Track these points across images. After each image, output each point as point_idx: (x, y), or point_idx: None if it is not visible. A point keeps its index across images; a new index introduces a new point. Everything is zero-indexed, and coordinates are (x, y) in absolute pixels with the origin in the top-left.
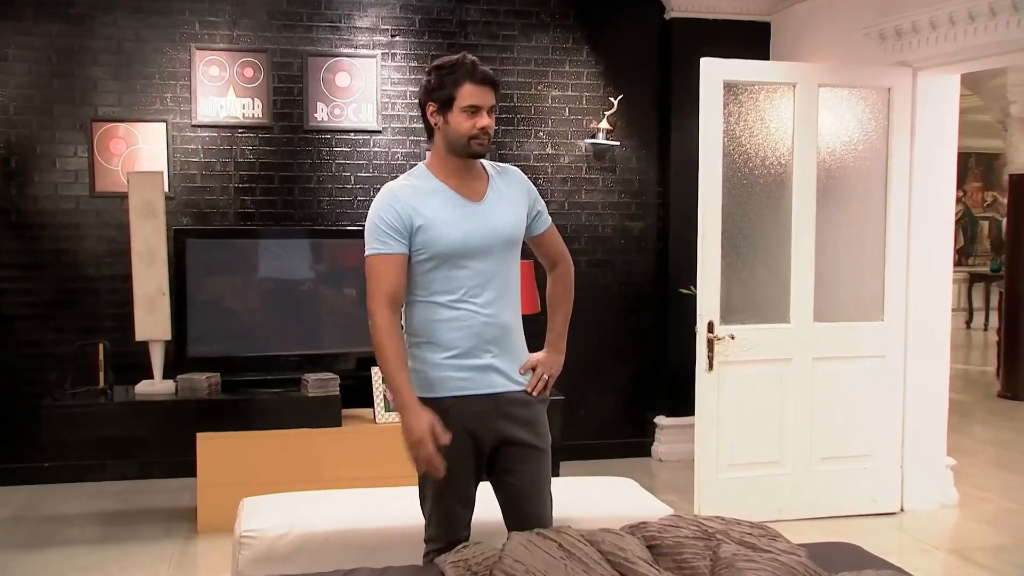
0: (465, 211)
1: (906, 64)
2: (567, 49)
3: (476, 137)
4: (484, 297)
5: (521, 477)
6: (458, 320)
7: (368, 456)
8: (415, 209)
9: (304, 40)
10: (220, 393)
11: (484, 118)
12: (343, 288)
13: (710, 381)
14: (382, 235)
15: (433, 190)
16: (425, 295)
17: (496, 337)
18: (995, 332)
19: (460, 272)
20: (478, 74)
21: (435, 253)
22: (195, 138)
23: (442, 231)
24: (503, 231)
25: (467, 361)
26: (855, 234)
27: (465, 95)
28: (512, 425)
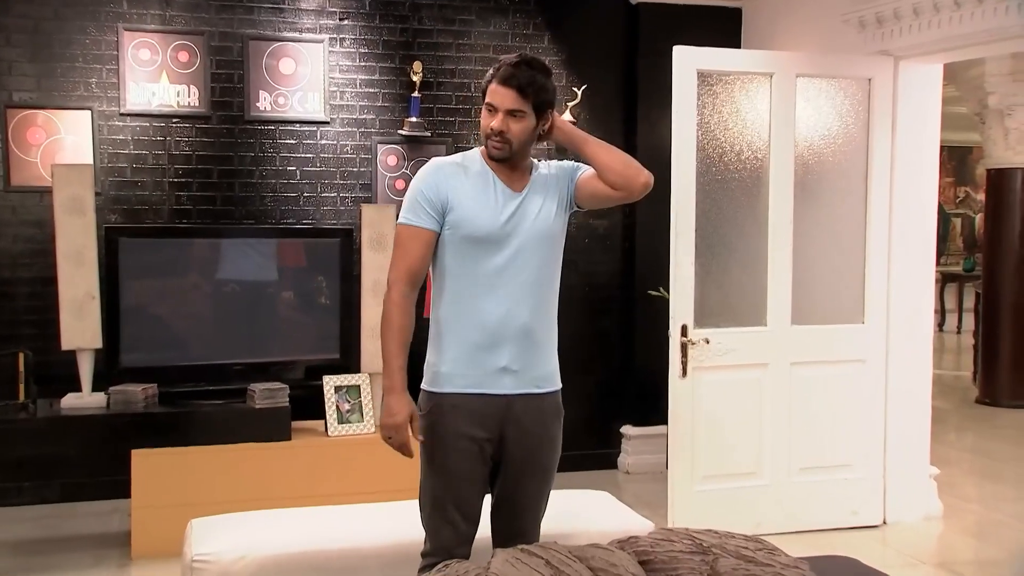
0: (502, 199)
1: (887, 53)
2: (527, 36)
3: (489, 138)
4: (510, 292)
5: (520, 493)
6: (478, 313)
7: (321, 472)
8: (452, 186)
9: (245, 22)
10: (157, 406)
11: (497, 119)
12: (290, 291)
13: (684, 388)
14: (416, 206)
15: (478, 173)
16: (449, 282)
17: (516, 337)
18: (970, 335)
19: (488, 261)
20: (503, 74)
21: (464, 235)
22: (124, 128)
23: (474, 213)
24: (537, 224)
25: (481, 356)
26: (834, 232)
27: (490, 94)
28: (519, 435)
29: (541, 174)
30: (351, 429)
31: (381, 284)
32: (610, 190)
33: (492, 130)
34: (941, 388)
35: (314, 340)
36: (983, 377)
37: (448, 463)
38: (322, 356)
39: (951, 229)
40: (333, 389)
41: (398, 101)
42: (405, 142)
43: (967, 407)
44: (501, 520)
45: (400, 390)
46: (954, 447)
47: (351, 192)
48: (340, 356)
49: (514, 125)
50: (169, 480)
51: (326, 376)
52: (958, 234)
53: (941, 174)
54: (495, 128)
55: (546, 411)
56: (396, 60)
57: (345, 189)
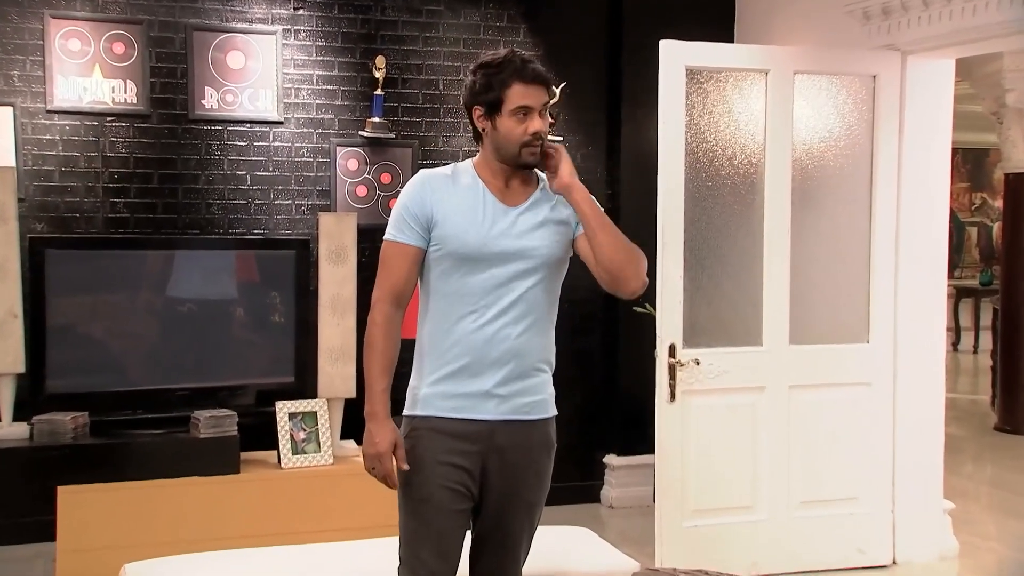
0: (494, 213)
1: (894, 48)
2: (501, 28)
3: (528, 145)
4: (497, 313)
5: (501, 531)
6: (462, 333)
7: (273, 508)
8: (440, 199)
9: (188, 11)
10: (88, 437)
11: (536, 121)
12: (240, 308)
13: (672, 413)
14: (400, 222)
15: (468, 186)
16: (435, 300)
17: (503, 360)
18: (987, 355)
19: (476, 279)
20: (528, 72)
21: (451, 252)
22: (52, 127)
23: (460, 229)
24: (532, 242)
25: (464, 381)
26: (836, 243)
27: (515, 96)
28: (503, 466)
29: (545, 186)
30: (307, 460)
31: (340, 300)
32: (596, 272)
33: (533, 135)
34: (956, 414)
35: (266, 362)
36: (1002, 402)
37: (426, 493)
38: (275, 380)
39: (966, 239)
40: (287, 416)
41: (359, 99)
42: (367, 144)
43: (985, 435)
44: (480, 559)
45: (383, 416)
46: (971, 479)
47: (307, 199)
48: (295, 379)
49: (544, 125)
50: (100, 520)
51: (279, 402)
52: (974, 244)
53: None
54: (537, 131)
55: (534, 441)
56: (357, 54)
57: (301, 196)
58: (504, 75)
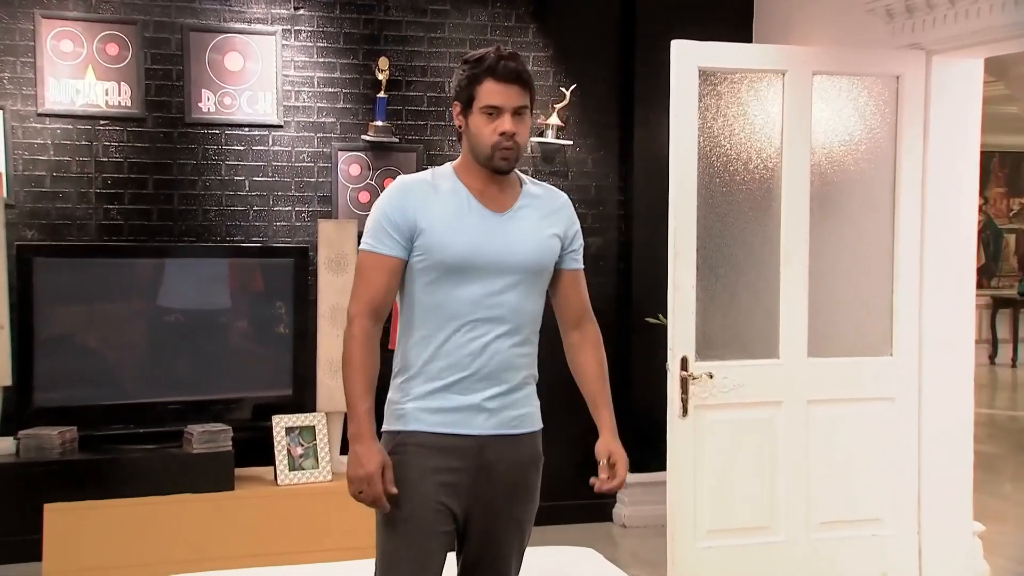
0: (481, 221)
1: (919, 47)
2: (509, 28)
3: (498, 146)
4: (487, 325)
5: (490, 552)
6: (451, 347)
7: (269, 526)
8: (422, 207)
9: (184, 10)
10: (77, 452)
11: (506, 121)
12: (236, 319)
13: (684, 429)
14: (380, 231)
15: (451, 191)
16: (419, 312)
17: (493, 373)
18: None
19: (463, 290)
20: (501, 70)
21: (436, 262)
22: (43, 131)
23: (447, 238)
24: (522, 251)
25: (453, 396)
26: (857, 251)
27: (485, 94)
28: (491, 483)
29: (531, 192)
30: (304, 477)
31: (340, 310)
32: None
33: (503, 136)
34: (993, 430)
35: (263, 375)
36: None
37: (409, 511)
38: (272, 393)
39: (1004, 247)
40: (284, 431)
41: (361, 102)
42: (370, 149)
43: (1022, 453)
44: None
45: (369, 438)
46: (1008, 500)
47: (308, 206)
48: (293, 393)
49: (521, 126)
50: (89, 539)
51: (276, 416)
52: (1012, 252)
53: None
54: (509, 131)
55: (523, 456)
56: (359, 56)
57: (301, 202)
58: (479, 71)
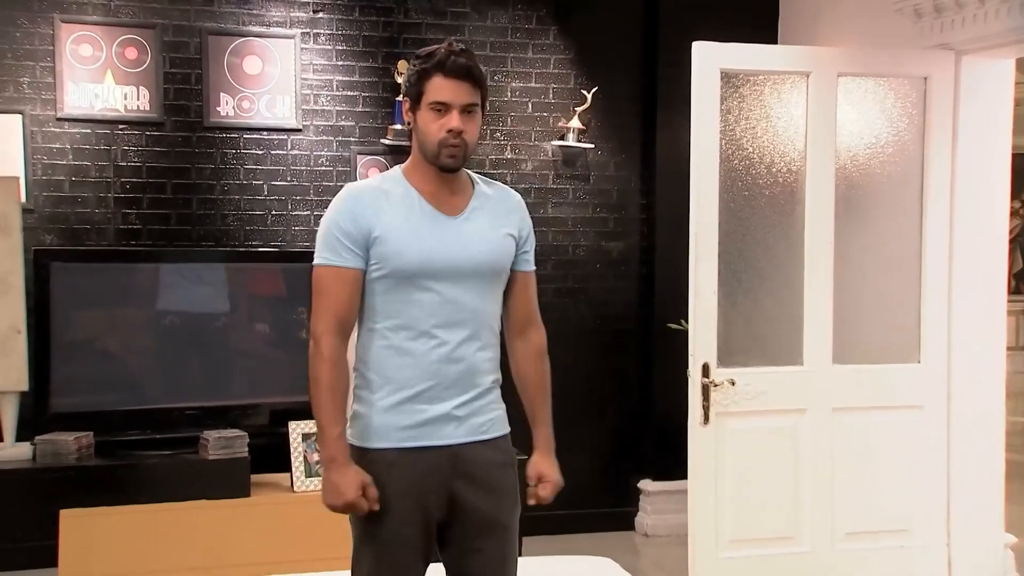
0: (435, 225)
1: (947, 47)
2: (530, 31)
3: (445, 143)
4: (450, 331)
5: (481, 559)
6: (416, 356)
7: (285, 533)
8: (375, 216)
9: (203, 14)
10: (93, 458)
11: (453, 118)
12: (254, 324)
13: (705, 437)
14: (335, 244)
15: (402, 196)
16: (380, 322)
17: (461, 380)
18: None
19: (423, 297)
20: (450, 65)
21: (393, 270)
22: (62, 135)
23: (403, 244)
24: (479, 254)
25: (421, 406)
26: (884, 256)
27: (433, 90)
28: (471, 490)
29: (484, 193)
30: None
31: None
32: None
33: (449, 132)
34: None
35: (281, 380)
36: None
37: (385, 532)
38: (289, 398)
39: None
40: (300, 437)
41: (381, 106)
42: (389, 152)
43: None
44: None
45: (343, 461)
46: None
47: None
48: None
49: (470, 124)
50: (104, 545)
51: (292, 422)
52: None
53: None
54: (456, 128)
55: (496, 460)
56: (379, 59)
57: (320, 207)
58: (427, 66)
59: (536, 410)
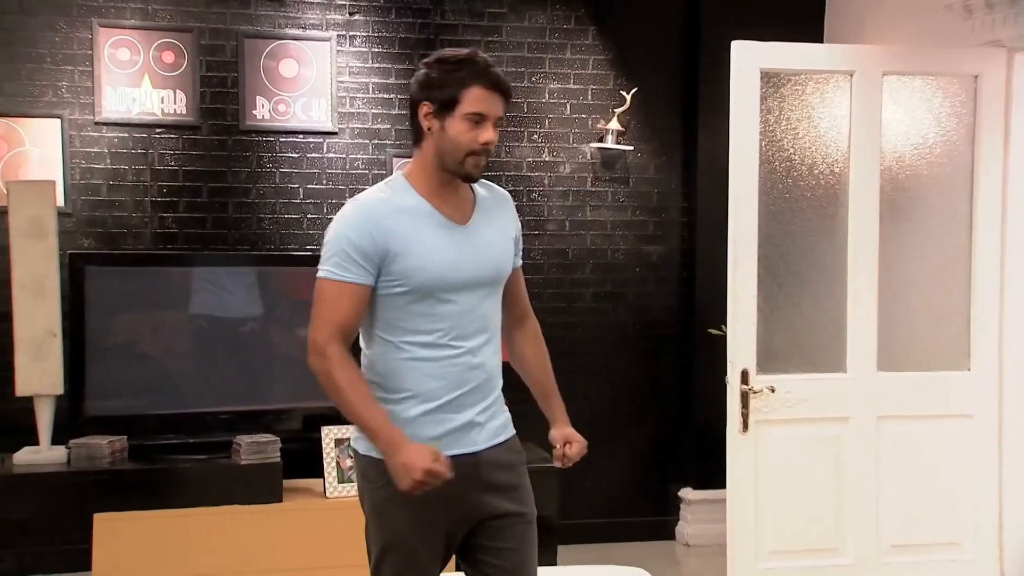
0: (451, 237)
1: (999, 44)
2: (568, 31)
3: (475, 154)
4: (469, 339)
5: (508, 557)
6: (439, 366)
7: (317, 539)
8: (391, 231)
9: (239, 17)
10: (127, 462)
11: (489, 131)
12: (288, 328)
13: (745, 445)
14: (347, 260)
15: (413, 208)
16: (398, 335)
17: (481, 386)
18: None
19: (443, 308)
20: (491, 77)
21: (416, 285)
22: (100, 139)
23: (425, 260)
24: (492, 262)
25: (447, 415)
26: (932, 259)
27: (471, 99)
28: (495, 496)
29: (484, 197)
30: (353, 489)
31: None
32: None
33: (484, 145)
34: None
35: (314, 385)
36: None
37: (412, 541)
38: (322, 403)
39: None
40: (333, 442)
41: None
42: None
43: None
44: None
45: (402, 439)
46: None
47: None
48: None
49: (496, 138)
50: (137, 549)
51: (325, 427)
52: None
53: None
54: (488, 143)
55: (513, 460)
56: (415, 61)
57: None
58: (464, 74)
59: (545, 384)
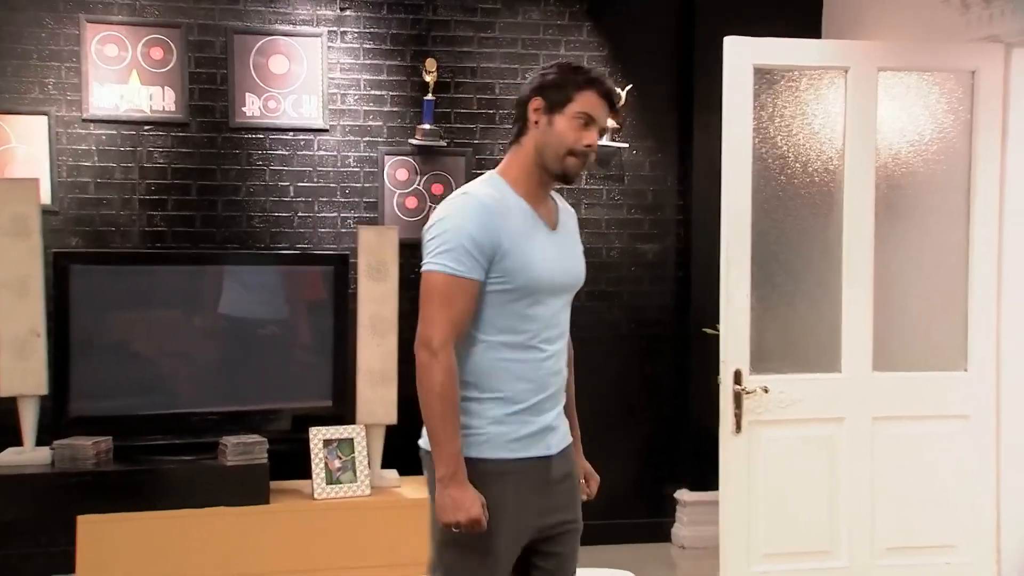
0: (548, 239)
1: (997, 39)
2: (562, 27)
3: (575, 154)
4: (552, 344)
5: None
6: (527, 367)
7: (304, 541)
8: (503, 228)
9: (229, 13)
10: (112, 463)
11: (593, 135)
12: (275, 327)
13: (738, 446)
14: (464, 255)
15: (517, 208)
16: (491, 335)
17: (557, 392)
18: None
19: (536, 310)
20: (606, 86)
21: (519, 286)
22: (87, 136)
23: (527, 260)
24: (576, 270)
25: (530, 418)
26: (928, 258)
27: (583, 101)
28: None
29: (561, 207)
30: (342, 491)
31: (380, 319)
32: None
33: (587, 147)
34: None
35: (302, 385)
36: None
37: (495, 542)
38: (311, 404)
39: None
40: (322, 443)
41: (409, 105)
42: (417, 153)
43: None
44: None
45: (463, 479)
46: None
47: (354, 211)
48: (333, 404)
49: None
50: (122, 552)
51: (313, 428)
52: None
53: None
54: (591, 145)
55: (572, 465)
56: (407, 57)
57: (347, 208)
58: (581, 78)
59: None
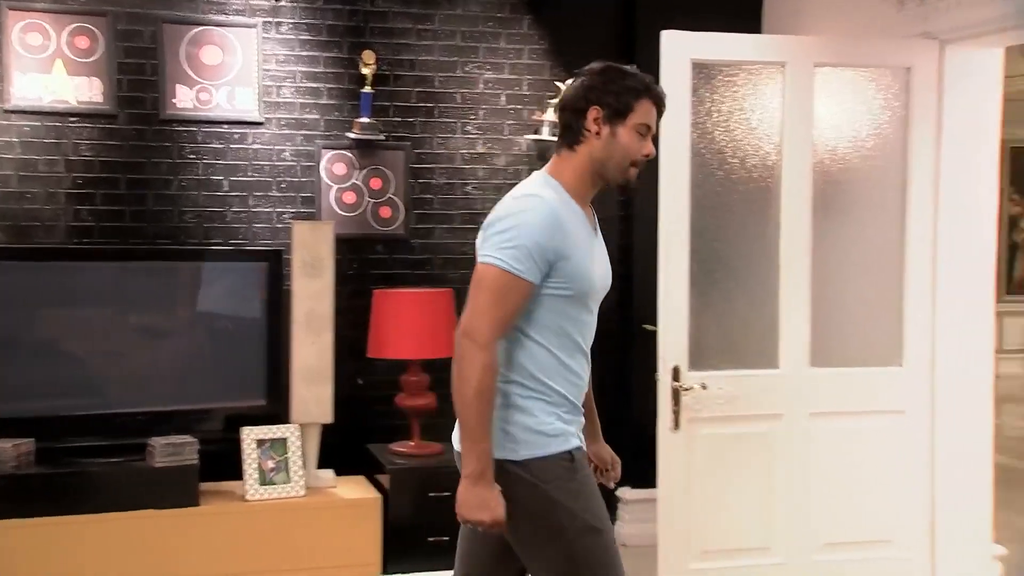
0: (593, 245)
1: (931, 36)
2: (502, 20)
3: (636, 165)
4: (588, 347)
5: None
6: (575, 371)
7: (236, 544)
8: (567, 234)
9: (158, 1)
10: (33, 466)
11: (651, 144)
12: (210, 325)
13: (676, 443)
14: (527, 256)
15: (574, 214)
16: (546, 337)
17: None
18: None
19: (585, 315)
20: (660, 93)
21: (578, 291)
22: (9, 128)
23: (585, 266)
24: (609, 276)
25: (576, 417)
26: (864, 255)
27: (642, 111)
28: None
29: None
30: (276, 492)
31: (315, 316)
32: None
33: (646, 157)
34: None
35: (234, 384)
36: None
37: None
38: (244, 403)
39: None
40: (255, 443)
41: (346, 98)
42: (355, 147)
43: None
44: None
45: (491, 479)
46: None
47: (290, 206)
48: (267, 403)
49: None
50: (43, 559)
51: (245, 428)
52: None
53: None
54: (651, 155)
55: None
56: (344, 49)
57: (283, 203)
58: (638, 86)
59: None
